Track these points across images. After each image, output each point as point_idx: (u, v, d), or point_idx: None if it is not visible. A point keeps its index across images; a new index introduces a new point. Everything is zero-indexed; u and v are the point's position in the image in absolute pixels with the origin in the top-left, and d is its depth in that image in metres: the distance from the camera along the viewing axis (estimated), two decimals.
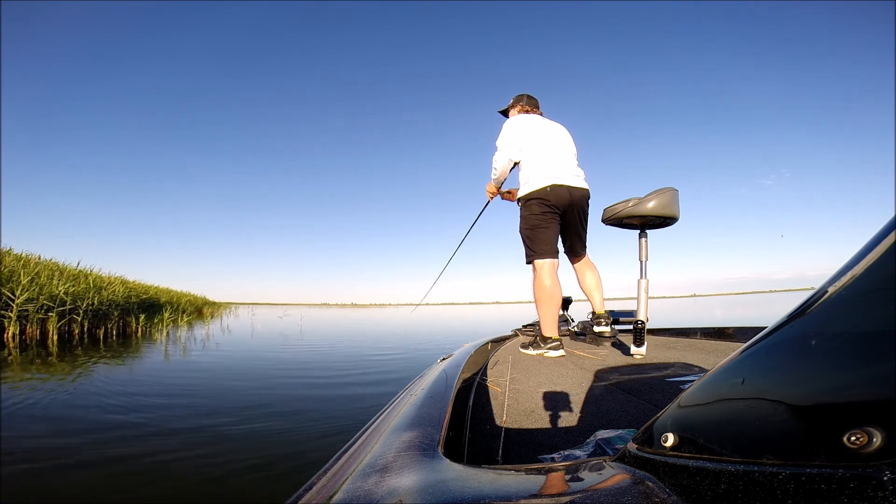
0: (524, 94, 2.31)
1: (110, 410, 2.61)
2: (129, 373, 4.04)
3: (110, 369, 4.12)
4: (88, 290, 7.54)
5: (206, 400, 2.99)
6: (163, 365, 4.67)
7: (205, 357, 5.30)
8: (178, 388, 3.35)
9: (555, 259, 2.00)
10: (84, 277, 8.13)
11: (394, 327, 12.32)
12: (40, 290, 6.36)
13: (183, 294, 16.93)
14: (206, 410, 2.70)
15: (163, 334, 7.90)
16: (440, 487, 0.34)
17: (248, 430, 2.29)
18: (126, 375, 3.88)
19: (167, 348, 6.05)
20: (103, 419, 2.44)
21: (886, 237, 0.23)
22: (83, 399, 2.88)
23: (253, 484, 1.65)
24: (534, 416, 0.96)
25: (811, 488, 0.21)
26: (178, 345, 6.50)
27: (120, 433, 2.20)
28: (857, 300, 0.24)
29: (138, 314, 8.60)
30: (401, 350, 6.33)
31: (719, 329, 2.23)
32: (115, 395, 3.03)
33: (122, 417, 2.48)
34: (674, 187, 1.74)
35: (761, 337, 0.28)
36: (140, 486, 1.61)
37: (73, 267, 8.88)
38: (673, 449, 0.31)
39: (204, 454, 1.93)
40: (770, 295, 34.25)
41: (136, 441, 2.08)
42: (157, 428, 2.29)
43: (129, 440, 2.10)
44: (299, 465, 1.83)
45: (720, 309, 22.76)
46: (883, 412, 0.20)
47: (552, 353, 1.83)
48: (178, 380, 3.74)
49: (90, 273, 8.98)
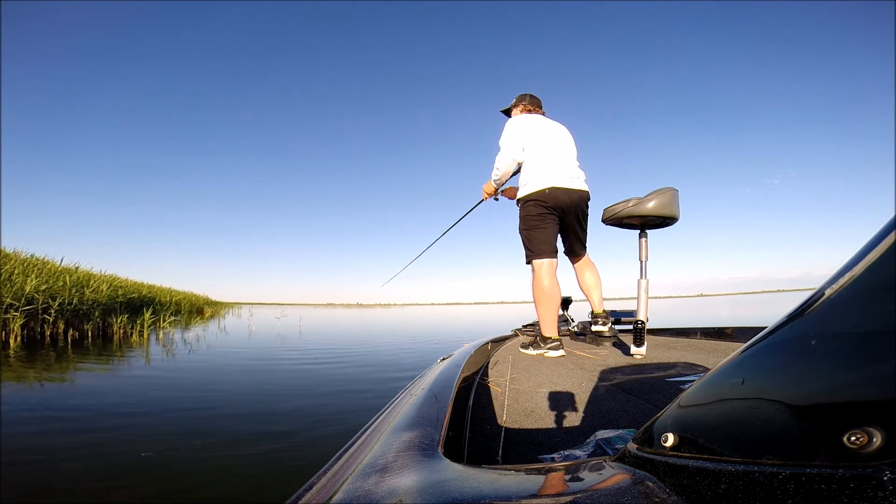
0: (527, 94, 2.31)
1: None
2: (67, 387, 3.39)
3: (56, 382, 3.49)
4: (66, 287, 6.86)
5: (128, 429, 2.30)
6: (119, 375, 4.06)
7: (178, 364, 4.67)
8: (102, 408, 2.68)
9: (553, 259, 2.00)
10: (67, 275, 7.52)
11: (392, 327, 12.13)
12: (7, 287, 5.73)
13: (183, 294, 16.69)
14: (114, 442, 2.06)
15: (143, 336, 7.30)
16: (440, 487, 0.34)
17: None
18: (55, 391, 3.23)
19: (148, 352, 5.53)
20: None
21: (886, 237, 0.23)
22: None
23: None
24: (534, 416, 0.96)
25: (811, 488, 0.21)
26: (160, 348, 5.96)
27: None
28: (857, 300, 0.23)
29: (123, 314, 7.83)
30: (404, 353, 6.03)
31: (719, 329, 2.23)
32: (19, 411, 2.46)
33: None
34: (674, 187, 1.74)
35: (761, 337, 0.28)
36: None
37: (56, 263, 8.24)
38: (673, 449, 0.31)
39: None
40: (777, 295, 33.63)
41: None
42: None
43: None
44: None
45: (726, 308, 22.57)
46: (883, 412, 0.20)
47: (552, 353, 1.83)
48: (120, 395, 3.10)
49: (75, 270, 8.35)
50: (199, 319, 13.65)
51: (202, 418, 2.58)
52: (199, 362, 4.87)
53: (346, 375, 4.22)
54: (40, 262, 7.99)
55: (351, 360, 5.16)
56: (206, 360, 5.08)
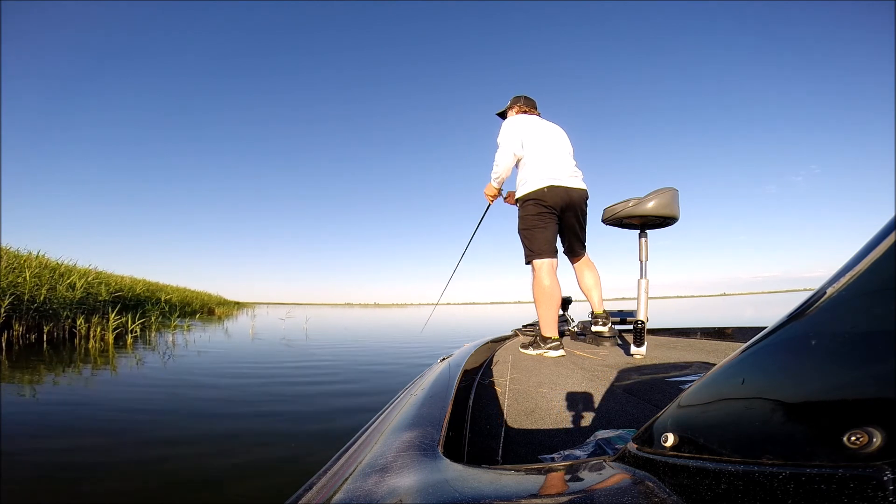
0: (521, 96, 2.31)
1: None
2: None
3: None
4: (25, 283, 5.69)
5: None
6: (42, 391, 3.05)
7: (130, 379, 3.63)
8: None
9: (553, 259, 2.00)
10: (38, 267, 6.48)
11: (408, 328, 11.47)
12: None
13: (193, 293, 16.17)
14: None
15: (107, 340, 6.20)
16: (440, 487, 0.34)
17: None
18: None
19: (112, 360, 4.59)
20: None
21: (886, 237, 0.23)
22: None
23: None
24: (534, 416, 0.96)
25: (811, 488, 0.21)
26: (130, 356, 4.96)
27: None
28: (857, 300, 0.24)
29: (96, 315, 6.72)
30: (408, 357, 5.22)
31: (719, 329, 2.23)
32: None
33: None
34: (674, 187, 1.74)
35: (761, 337, 0.28)
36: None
37: (26, 253, 7.06)
38: (673, 449, 0.31)
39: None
40: (803, 294, 33.72)
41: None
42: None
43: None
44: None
45: (750, 308, 21.97)
46: (883, 412, 0.20)
47: (552, 353, 1.83)
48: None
49: (58, 265, 7.31)
50: (207, 320, 13.20)
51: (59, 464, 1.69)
52: (164, 373, 3.93)
53: (320, 404, 2.88)
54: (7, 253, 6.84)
55: (342, 371, 4.22)
56: (177, 370, 4.12)
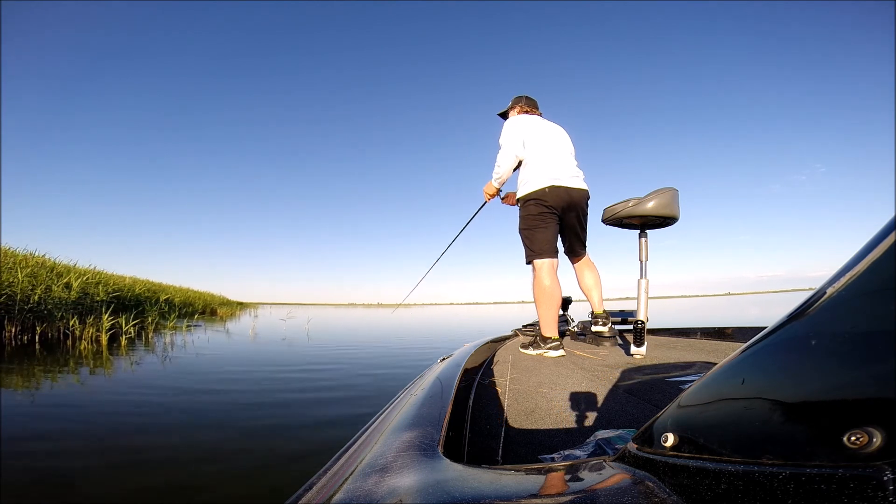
0: (523, 96, 2.31)
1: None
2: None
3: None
4: (19, 282, 5.67)
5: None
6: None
7: (123, 382, 3.52)
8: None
9: (554, 259, 2.00)
10: (34, 267, 6.39)
11: (408, 328, 11.46)
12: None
13: (196, 293, 16.19)
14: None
15: (100, 341, 6.12)
16: (440, 487, 0.34)
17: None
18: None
19: (106, 362, 4.53)
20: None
21: (886, 237, 0.23)
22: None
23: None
24: (534, 416, 0.96)
25: (811, 488, 0.21)
26: (126, 358, 4.87)
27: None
28: (857, 300, 0.23)
29: (91, 315, 6.66)
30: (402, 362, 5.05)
31: (719, 329, 2.23)
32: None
33: None
34: (674, 187, 1.74)
35: (761, 337, 0.28)
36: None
37: (23, 253, 6.99)
38: (673, 449, 0.31)
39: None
40: (806, 293, 33.62)
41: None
42: None
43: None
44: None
45: (753, 307, 22.06)
46: (883, 412, 0.20)
47: (552, 353, 1.83)
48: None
49: (55, 264, 7.24)
50: (210, 320, 13.19)
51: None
52: (160, 376, 3.88)
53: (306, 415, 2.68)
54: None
55: (340, 376, 4.11)
56: (173, 372, 4.06)
